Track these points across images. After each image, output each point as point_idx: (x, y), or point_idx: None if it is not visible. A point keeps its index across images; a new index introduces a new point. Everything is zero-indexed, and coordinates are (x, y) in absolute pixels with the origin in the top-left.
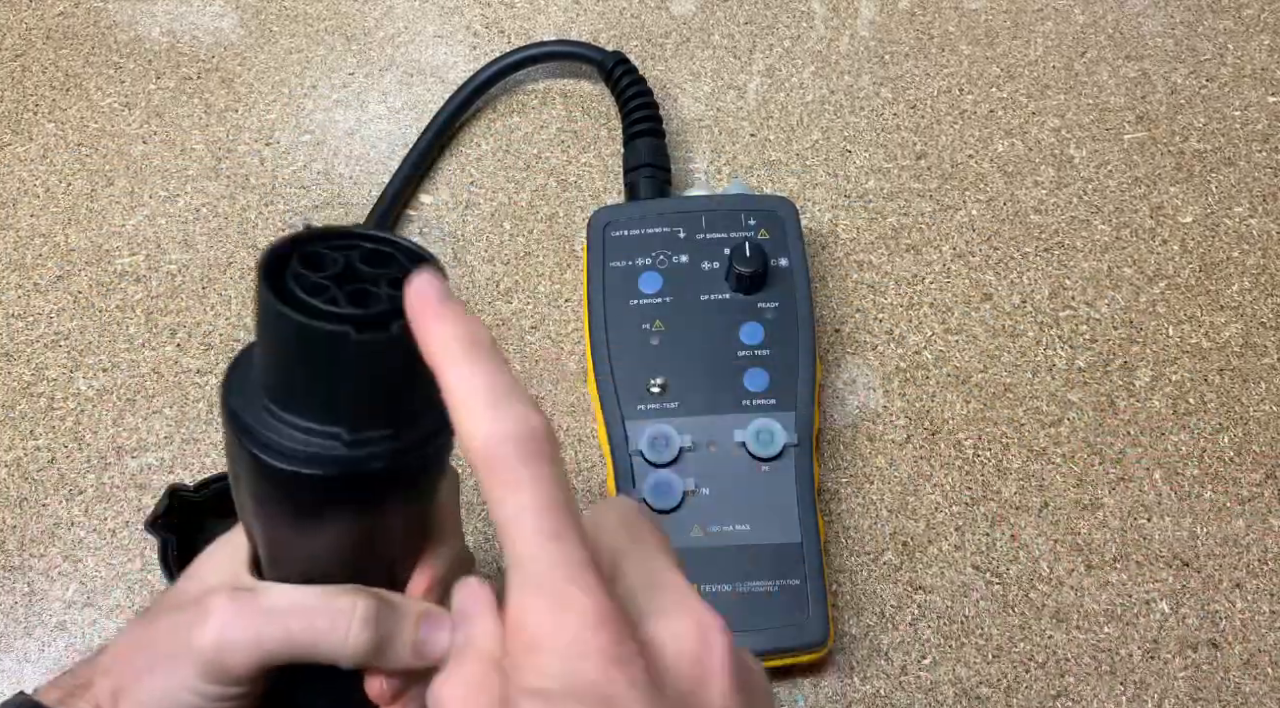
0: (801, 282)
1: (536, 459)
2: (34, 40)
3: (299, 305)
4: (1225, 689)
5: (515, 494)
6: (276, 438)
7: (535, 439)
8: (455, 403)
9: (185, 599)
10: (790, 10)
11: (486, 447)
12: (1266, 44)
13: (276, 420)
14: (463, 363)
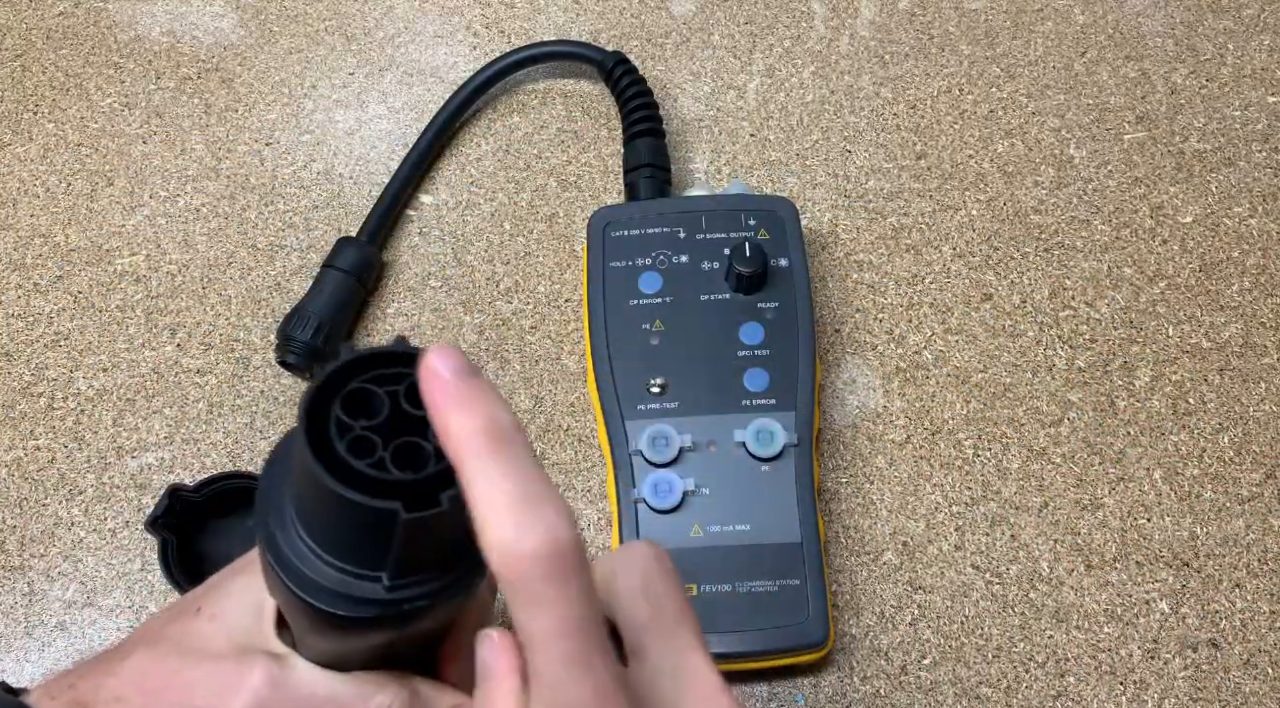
0: (801, 282)
1: (562, 579)
2: (34, 40)
3: (343, 472)
4: (1225, 689)
5: (539, 616)
6: (313, 576)
7: (562, 556)
8: (477, 507)
9: (207, 642)
10: (790, 10)
11: (511, 563)
12: (1266, 44)
13: (313, 555)
14: (485, 461)
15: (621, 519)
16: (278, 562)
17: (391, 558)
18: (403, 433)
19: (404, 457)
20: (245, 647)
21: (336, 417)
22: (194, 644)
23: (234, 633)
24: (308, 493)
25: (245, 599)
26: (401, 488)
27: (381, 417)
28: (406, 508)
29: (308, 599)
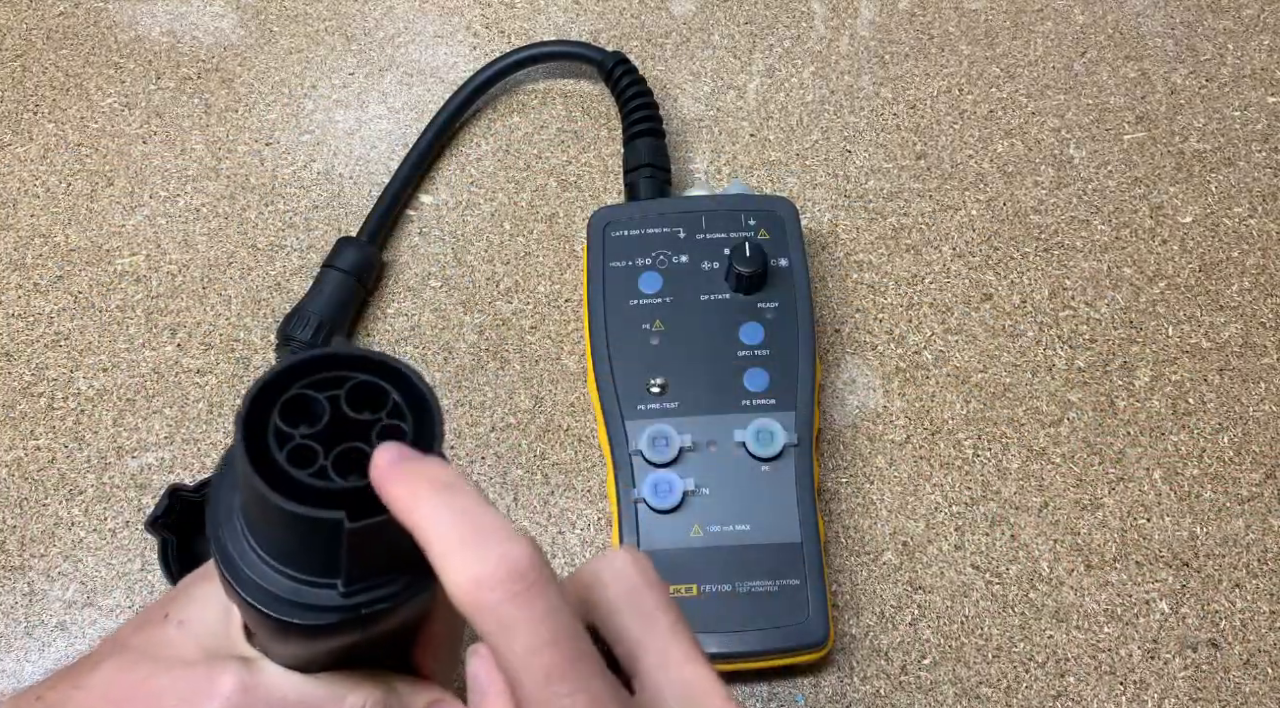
0: (801, 282)
1: (526, 598)
2: (34, 40)
3: (285, 483)
4: (1225, 689)
5: (511, 641)
6: (267, 586)
7: (520, 577)
8: (432, 552)
9: (176, 650)
10: (790, 10)
11: (472, 596)
12: (1266, 44)
13: (264, 564)
14: (431, 507)
15: (621, 519)
16: (231, 573)
17: (343, 565)
18: (345, 438)
19: (347, 463)
20: (214, 652)
21: (275, 426)
22: (162, 652)
23: (202, 639)
24: (252, 505)
25: (212, 605)
26: (345, 496)
27: (322, 423)
28: (351, 516)
29: (263, 609)
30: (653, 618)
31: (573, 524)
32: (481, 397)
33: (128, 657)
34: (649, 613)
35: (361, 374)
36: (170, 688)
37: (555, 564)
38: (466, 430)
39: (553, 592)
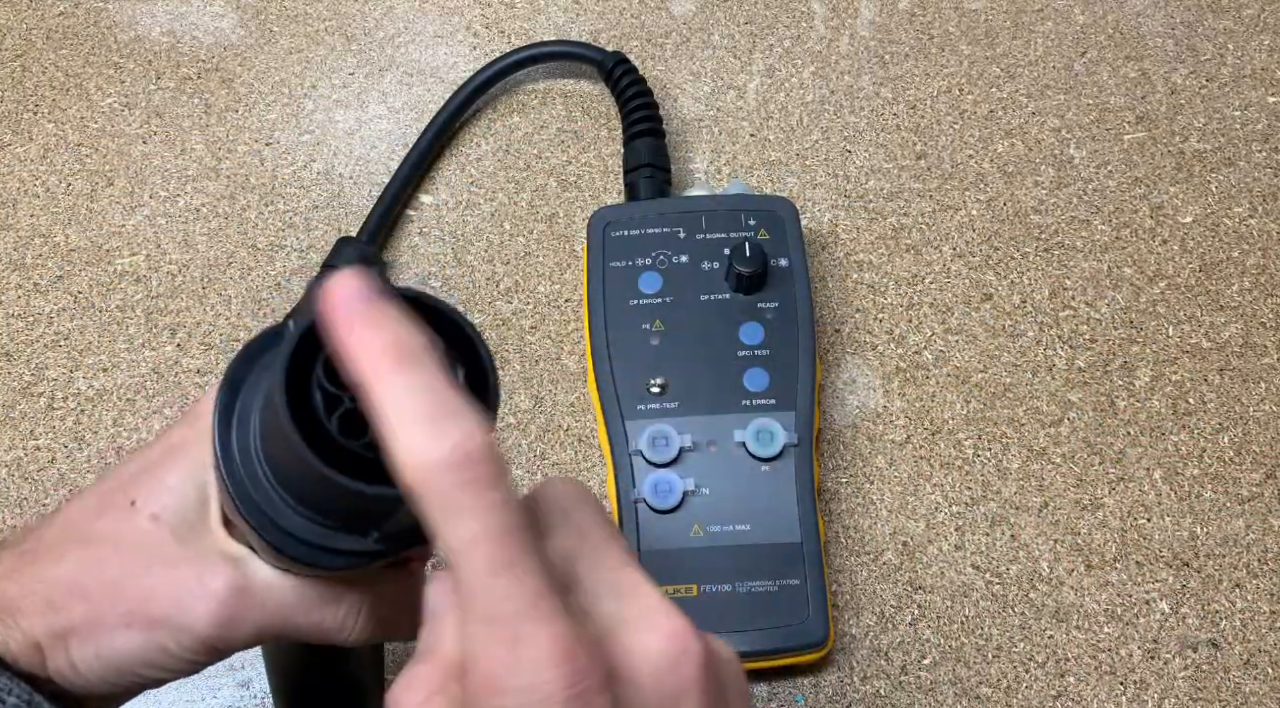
0: (801, 282)
1: (478, 485)
2: (34, 40)
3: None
4: (1225, 689)
5: (459, 526)
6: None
7: (477, 462)
8: (385, 424)
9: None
10: (790, 10)
11: (423, 475)
12: (1266, 44)
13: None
14: (391, 378)
15: (622, 519)
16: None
17: (387, 528)
18: None
19: None
20: (199, 551)
21: (321, 386)
22: (138, 548)
23: (181, 533)
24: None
25: (186, 493)
26: None
27: None
28: None
29: (284, 550)
30: (586, 532)
31: None
32: None
33: (98, 550)
34: (584, 530)
35: None
36: (156, 589)
37: None
38: None
39: (506, 486)
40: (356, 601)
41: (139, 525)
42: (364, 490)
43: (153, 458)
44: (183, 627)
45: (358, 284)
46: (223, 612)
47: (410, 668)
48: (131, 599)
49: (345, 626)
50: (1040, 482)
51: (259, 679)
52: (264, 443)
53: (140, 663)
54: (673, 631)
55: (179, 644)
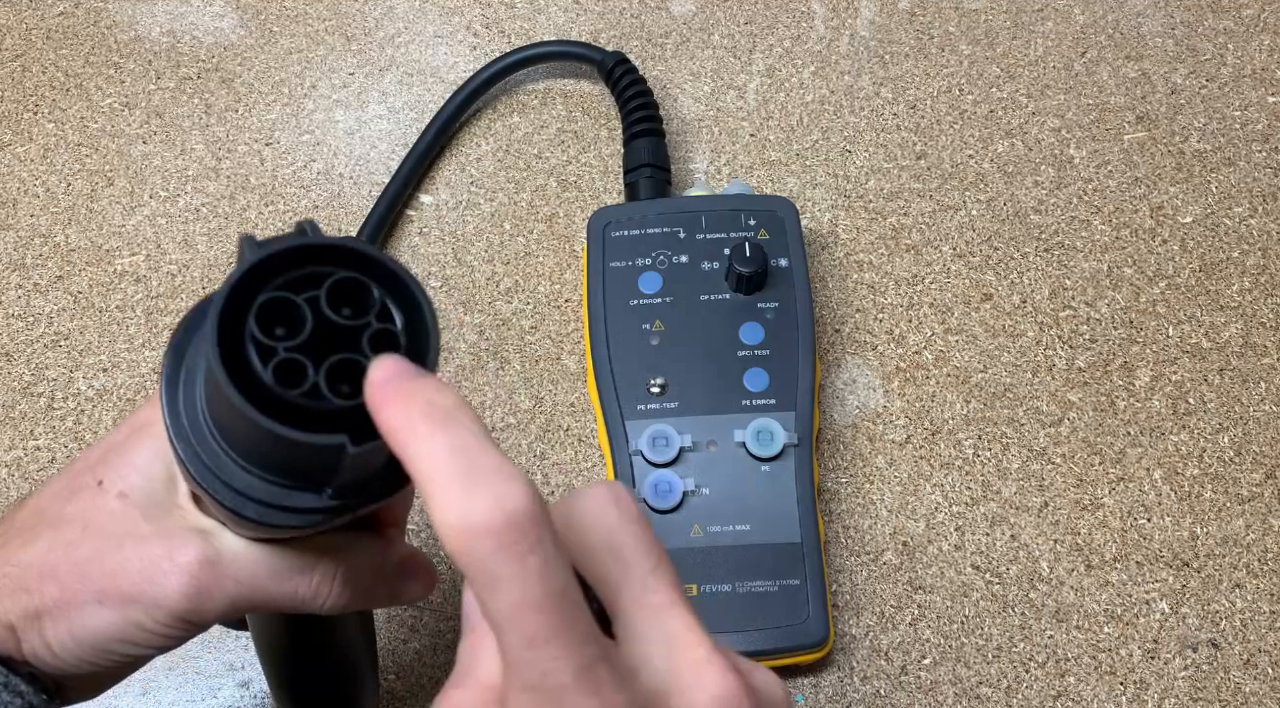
0: (801, 282)
1: (518, 554)
2: (34, 40)
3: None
4: (1225, 689)
5: (498, 595)
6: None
7: (515, 527)
8: (421, 488)
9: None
10: (790, 10)
11: (460, 543)
12: (1266, 44)
13: (237, 466)
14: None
15: None
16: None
17: (337, 480)
18: (332, 348)
19: (338, 377)
20: (165, 525)
21: (254, 338)
22: (108, 526)
23: (150, 510)
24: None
25: (154, 471)
26: (343, 416)
27: (305, 332)
28: (353, 439)
29: (238, 511)
30: (629, 562)
31: None
32: (481, 397)
33: (67, 531)
34: (627, 559)
35: (340, 270)
36: (126, 566)
37: None
38: None
39: (547, 546)
40: (330, 568)
41: (108, 505)
42: (302, 439)
43: (119, 439)
44: (155, 601)
45: (395, 366)
46: (193, 584)
47: (448, 692)
48: (103, 577)
49: (319, 593)
50: (1040, 482)
51: (259, 680)
52: (209, 405)
53: (116, 640)
54: (724, 692)
55: (153, 619)
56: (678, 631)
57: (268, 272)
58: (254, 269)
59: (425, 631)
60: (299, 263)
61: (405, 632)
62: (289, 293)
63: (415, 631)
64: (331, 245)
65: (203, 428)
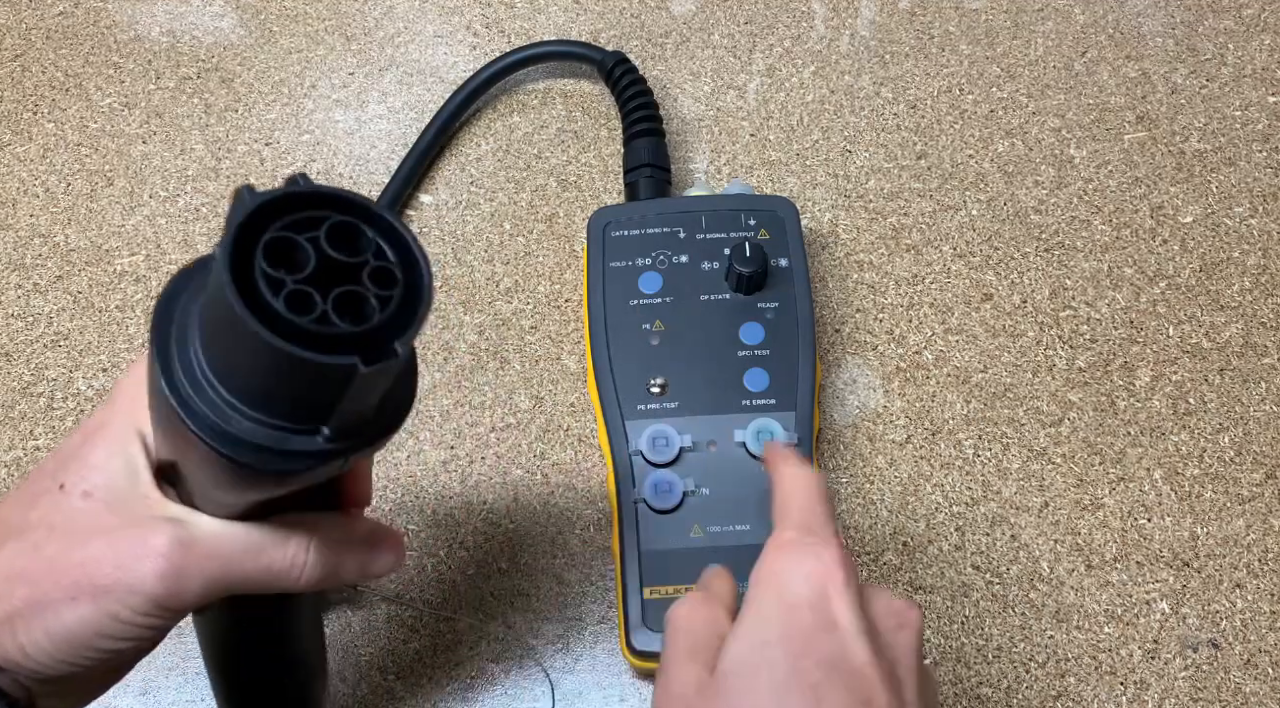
0: (801, 282)
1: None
2: (34, 40)
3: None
4: (1225, 689)
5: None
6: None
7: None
8: (779, 473)
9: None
10: (790, 10)
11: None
12: (1266, 44)
13: (235, 412)
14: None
15: (621, 519)
16: (196, 422)
17: (339, 412)
18: (334, 281)
19: (342, 307)
20: (136, 516)
21: (264, 271)
22: (74, 524)
23: (115, 504)
24: (237, 353)
25: (114, 467)
26: (351, 340)
27: (309, 268)
28: (363, 361)
29: (237, 458)
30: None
31: (573, 524)
32: (481, 397)
33: (33, 535)
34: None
35: (336, 214)
36: (98, 558)
37: (555, 565)
38: (466, 430)
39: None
40: (303, 540)
41: (72, 505)
42: (319, 360)
43: (75, 443)
44: (131, 588)
45: (785, 449)
46: (169, 567)
47: (691, 596)
48: (74, 572)
49: (295, 564)
50: (1040, 482)
51: None
52: (208, 349)
53: (93, 635)
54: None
55: (130, 609)
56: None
57: (269, 215)
58: (261, 209)
59: (425, 631)
60: (296, 208)
61: (405, 632)
62: (291, 233)
63: (415, 631)
64: (327, 192)
65: (200, 381)
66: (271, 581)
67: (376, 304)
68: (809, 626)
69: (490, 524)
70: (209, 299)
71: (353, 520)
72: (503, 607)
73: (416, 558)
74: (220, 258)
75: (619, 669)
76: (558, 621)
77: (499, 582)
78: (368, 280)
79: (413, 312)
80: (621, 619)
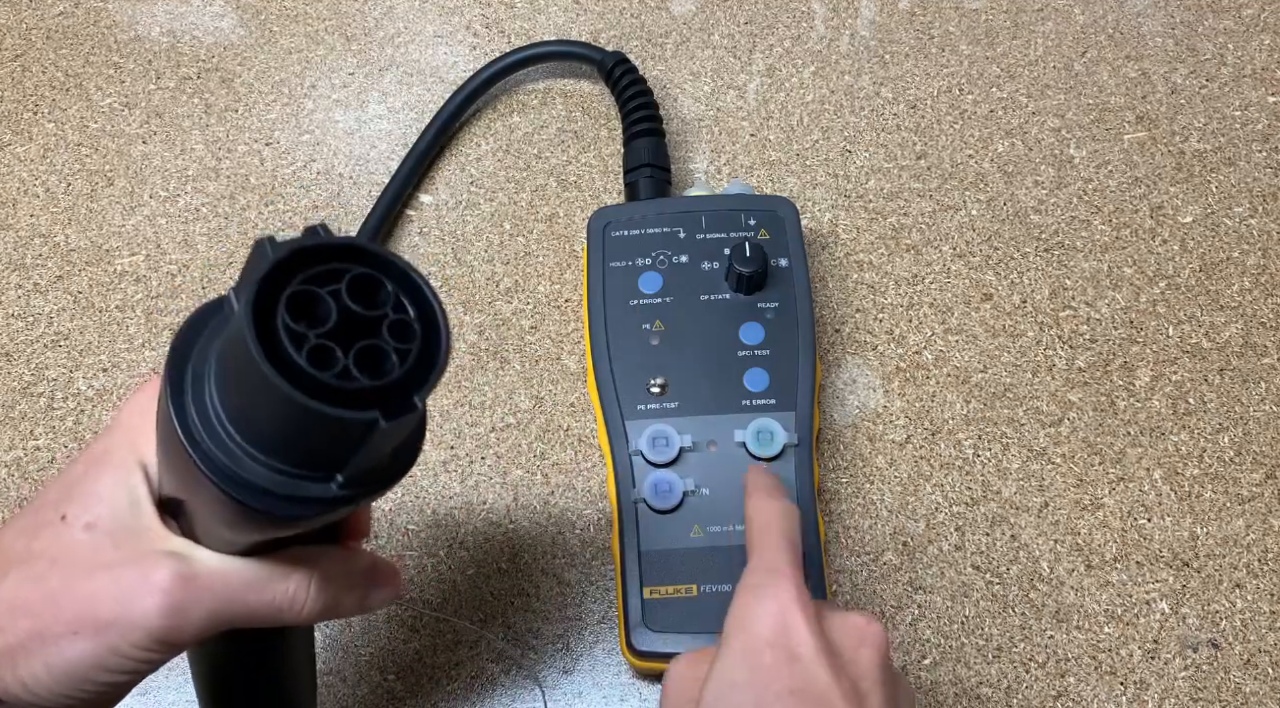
0: (801, 282)
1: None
2: (34, 40)
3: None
4: (1225, 689)
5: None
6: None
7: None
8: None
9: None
10: (790, 10)
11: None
12: (1266, 44)
13: (249, 457)
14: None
15: (622, 519)
16: (209, 466)
17: (355, 462)
18: (353, 335)
19: (362, 361)
20: (139, 550)
21: (287, 326)
22: (77, 557)
23: (117, 537)
24: (255, 403)
25: (117, 499)
26: (371, 394)
27: (331, 322)
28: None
29: (249, 503)
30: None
31: (573, 524)
32: (481, 397)
33: (35, 567)
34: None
35: (356, 266)
36: (100, 592)
37: (555, 565)
38: (466, 430)
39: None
40: (304, 576)
41: (74, 537)
42: (341, 415)
43: (78, 474)
44: (132, 624)
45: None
46: (170, 602)
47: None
48: (75, 607)
49: (296, 599)
50: (1040, 482)
51: None
52: (224, 396)
53: (93, 669)
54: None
55: (131, 644)
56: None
57: (290, 268)
58: (283, 262)
59: (425, 631)
60: (317, 261)
61: (405, 632)
62: (314, 286)
63: (415, 631)
64: (349, 244)
65: (213, 422)
66: (273, 615)
67: (396, 358)
68: (771, 663)
69: (490, 524)
70: (227, 347)
71: (352, 554)
72: (502, 607)
73: (416, 558)
74: (243, 313)
75: (619, 669)
76: (558, 621)
77: (499, 582)
78: (387, 334)
79: (431, 364)
80: (621, 619)
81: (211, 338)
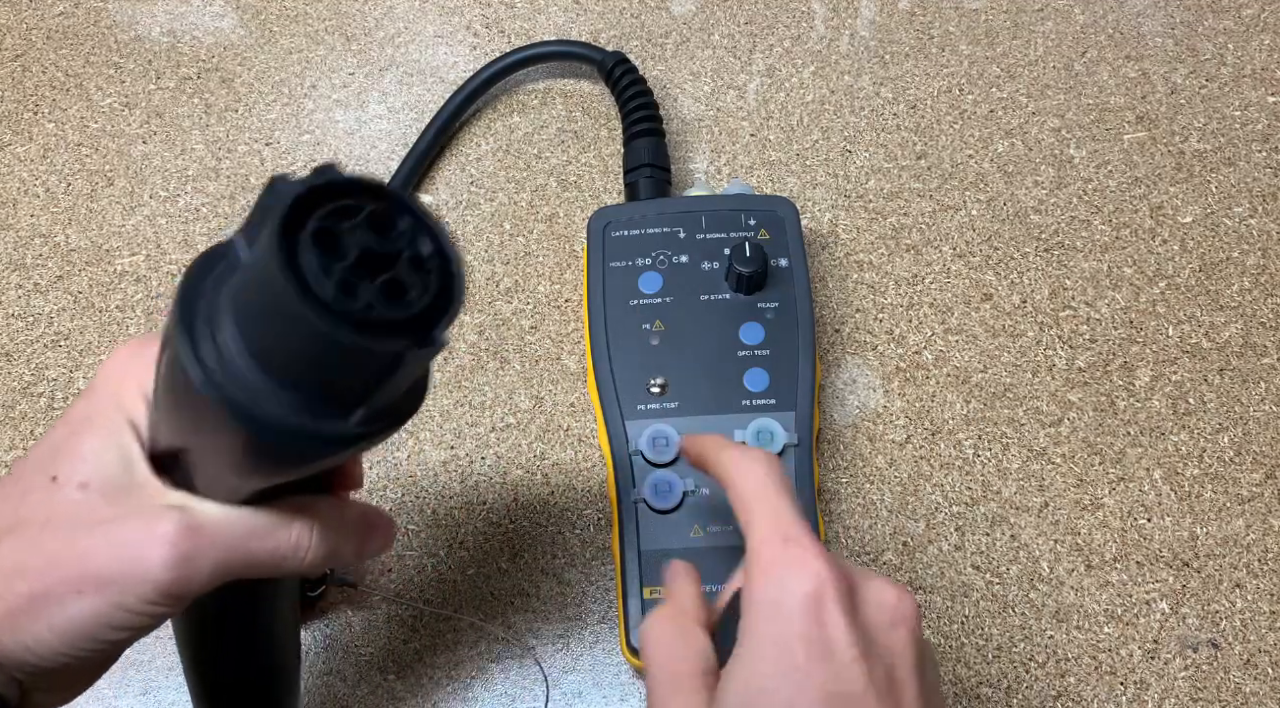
0: (801, 282)
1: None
2: (34, 40)
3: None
4: (1225, 689)
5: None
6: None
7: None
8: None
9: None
10: (790, 10)
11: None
12: (1266, 44)
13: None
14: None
15: (622, 519)
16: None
17: (375, 396)
18: (376, 269)
19: (392, 296)
20: (137, 505)
21: (317, 260)
22: (73, 516)
23: (113, 495)
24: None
25: (107, 459)
26: (396, 327)
27: (352, 256)
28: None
29: (269, 441)
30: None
31: (573, 524)
32: (481, 397)
33: (29, 532)
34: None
35: (372, 202)
36: (100, 550)
37: (555, 565)
38: (466, 430)
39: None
40: (306, 522)
41: (68, 497)
42: (372, 345)
43: (62, 436)
44: (139, 578)
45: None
46: (177, 553)
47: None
48: (77, 565)
49: (300, 545)
50: (1040, 482)
51: None
52: (244, 333)
53: (99, 627)
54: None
55: (138, 598)
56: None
57: (307, 205)
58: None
59: (425, 631)
60: (334, 197)
61: (405, 632)
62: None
63: (415, 631)
64: (365, 181)
65: (230, 365)
66: (277, 564)
67: (416, 291)
68: (804, 662)
69: (490, 524)
70: (248, 285)
71: (346, 503)
72: (503, 606)
73: (416, 558)
74: (272, 246)
75: (619, 669)
76: (558, 621)
77: (499, 582)
78: (405, 268)
79: (449, 297)
80: (621, 619)
81: (218, 284)
